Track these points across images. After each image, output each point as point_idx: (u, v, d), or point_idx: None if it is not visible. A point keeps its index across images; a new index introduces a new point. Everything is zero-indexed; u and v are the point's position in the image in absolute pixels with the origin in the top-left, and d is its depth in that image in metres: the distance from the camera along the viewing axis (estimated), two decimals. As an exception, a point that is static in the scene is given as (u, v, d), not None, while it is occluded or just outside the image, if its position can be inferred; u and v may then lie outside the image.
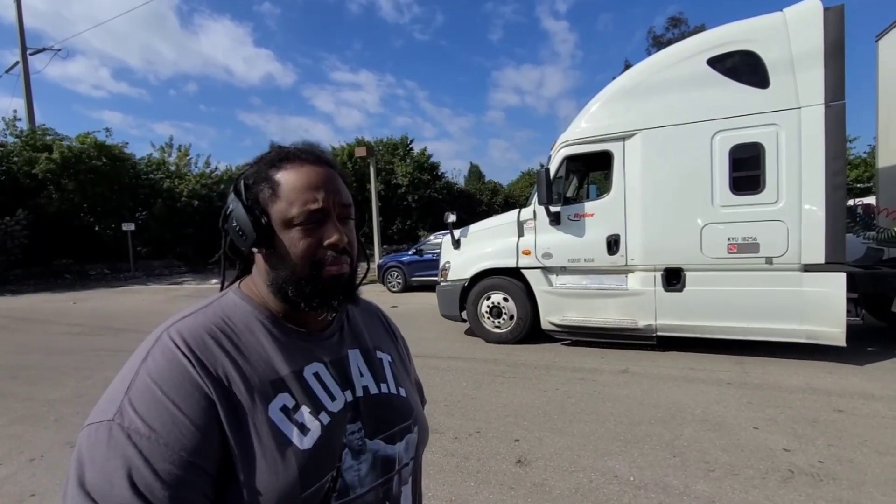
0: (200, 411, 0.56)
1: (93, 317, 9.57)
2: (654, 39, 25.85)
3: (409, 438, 0.73)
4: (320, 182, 0.66)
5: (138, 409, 0.54)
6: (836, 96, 4.16)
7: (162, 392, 0.55)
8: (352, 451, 0.64)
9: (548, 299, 5.49)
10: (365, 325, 0.82)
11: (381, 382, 0.74)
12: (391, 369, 0.79)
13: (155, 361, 0.58)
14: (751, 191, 4.51)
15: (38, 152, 18.07)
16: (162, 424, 0.54)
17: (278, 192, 0.65)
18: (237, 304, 0.68)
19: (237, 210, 0.66)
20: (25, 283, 16.96)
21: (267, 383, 0.61)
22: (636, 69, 5.21)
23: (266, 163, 0.68)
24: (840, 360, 4.50)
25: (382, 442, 0.69)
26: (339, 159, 21.60)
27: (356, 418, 0.67)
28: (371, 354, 0.77)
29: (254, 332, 0.65)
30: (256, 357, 0.63)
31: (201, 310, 0.66)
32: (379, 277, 12.66)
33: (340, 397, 0.67)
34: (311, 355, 0.68)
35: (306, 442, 0.60)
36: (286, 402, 0.61)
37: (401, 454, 0.71)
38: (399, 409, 0.74)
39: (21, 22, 22.43)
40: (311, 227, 0.65)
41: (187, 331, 0.61)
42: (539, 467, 2.77)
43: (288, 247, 0.65)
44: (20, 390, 4.63)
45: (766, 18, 4.51)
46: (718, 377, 4.24)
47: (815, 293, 4.30)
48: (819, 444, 2.93)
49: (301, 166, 0.66)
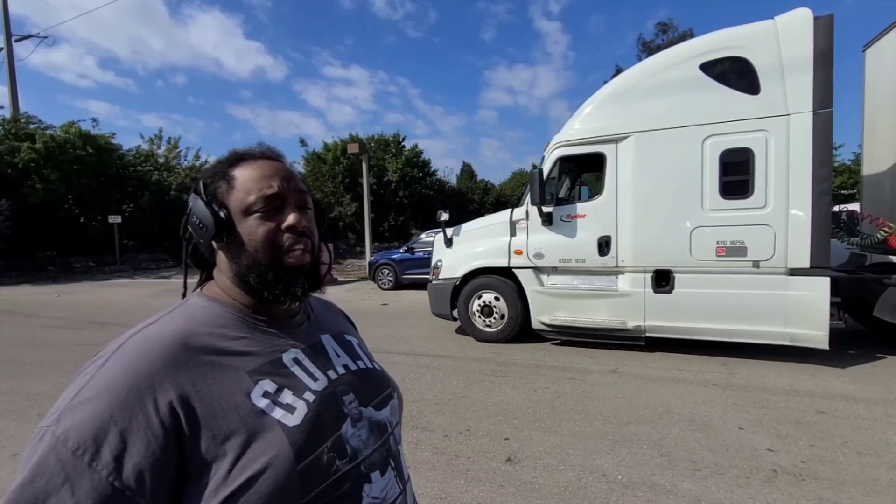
0: (143, 432, 0.53)
1: (77, 310, 9.40)
2: (644, 45, 26.07)
3: (392, 404, 0.79)
4: (274, 171, 0.70)
5: (77, 418, 0.52)
6: (824, 104, 4.24)
7: (106, 405, 0.53)
8: (351, 420, 0.68)
9: (539, 299, 5.52)
10: (327, 315, 0.88)
11: (357, 360, 0.80)
12: (360, 349, 0.85)
13: (111, 370, 0.56)
14: (740, 195, 4.57)
15: (21, 141, 17.68)
16: (94, 440, 0.51)
17: (234, 184, 0.68)
18: (203, 305, 0.69)
19: (196, 206, 0.69)
20: (7, 276, 16.58)
21: (244, 374, 0.62)
22: (630, 72, 5.26)
23: (223, 163, 0.72)
24: (823, 362, 4.59)
25: (373, 409, 0.73)
26: (331, 155, 21.43)
27: (349, 390, 0.71)
28: (341, 337, 0.83)
29: (224, 328, 0.66)
30: (229, 352, 0.64)
31: (167, 315, 0.66)
32: (370, 274, 12.61)
33: (322, 377, 0.69)
34: (286, 343, 0.70)
35: (293, 420, 0.61)
36: (267, 388, 0.63)
37: (389, 418, 0.76)
38: (378, 379, 0.80)
39: (6, 8, 21.91)
40: (268, 212, 0.67)
41: (155, 340, 0.60)
42: (528, 465, 2.79)
43: (247, 235, 0.67)
44: (2, 384, 4.53)
45: (758, 26, 4.58)
46: (705, 378, 4.30)
47: (800, 297, 4.38)
48: (802, 445, 3.00)
49: (255, 161, 0.71)
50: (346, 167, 24.06)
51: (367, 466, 0.67)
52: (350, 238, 24.63)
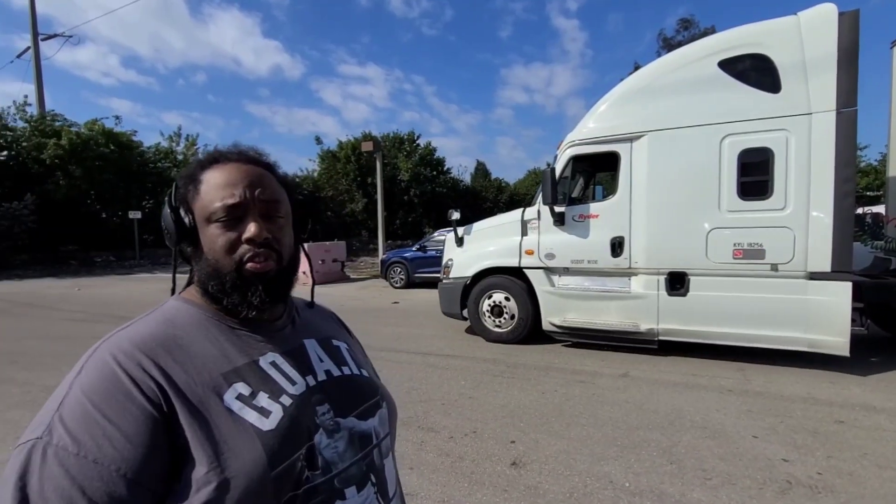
0: (134, 421, 0.53)
1: (95, 304, 9.63)
2: (665, 42, 25.58)
3: (380, 413, 0.75)
4: (240, 178, 0.67)
5: (68, 425, 0.52)
6: (849, 103, 4.09)
7: (93, 405, 0.53)
8: (326, 431, 0.65)
9: (549, 300, 5.46)
10: (318, 320, 0.85)
11: (342, 366, 0.76)
12: (349, 354, 0.81)
13: (88, 375, 0.57)
14: (758, 196, 4.45)
15: (47, 138, 18.16)
16: (92, 439, 0.52)
17: (200, 189, 0.67)
18: (180, 308, 0.69)
19: (164, 210, 0.68)
20: (30, 269, 17.08)
21: (218, 376, 0.61)
22: (646, 70, 5.15)
23: (198, 164, 0.70)
24: (843, 370, 4.44)
25: (356, 419, 0.70)
26: (344, 153, 21.55)
27: (323, 400, 0.67)
28: (328, 342, 0.79)
29: (201, 330, 0.66)
30: (205, 353, 0.63)
31: (142, 319, 0.66)
32: (382, 273, 12.66)
33: (301, 381, 0.67)
34: (264, 347, 0.68)
35: (268, 423, 0.60)
36: (241, 391, 0.61)
37: (376, 428, 0.73)
38: (364, 387, 0.76)
39: (33, 7, 22.52)
40: (229, 222, 0.65)
41: (127, 340, 0.60)
42: (534, 470, 2.75)
43: (208, 243, 0.66)
44: (19, 376, 4.66)
45: (780, 22, 4.44)
46: (720, 384, 4.20)
47: (821, 301, 4.24)
48: (818, 456, 2.89)
49: (226, 164, 0.68)
50: (359, 165, 24.21)
51: (341, 481, 0.64)
52: (363, 235, 24.80)
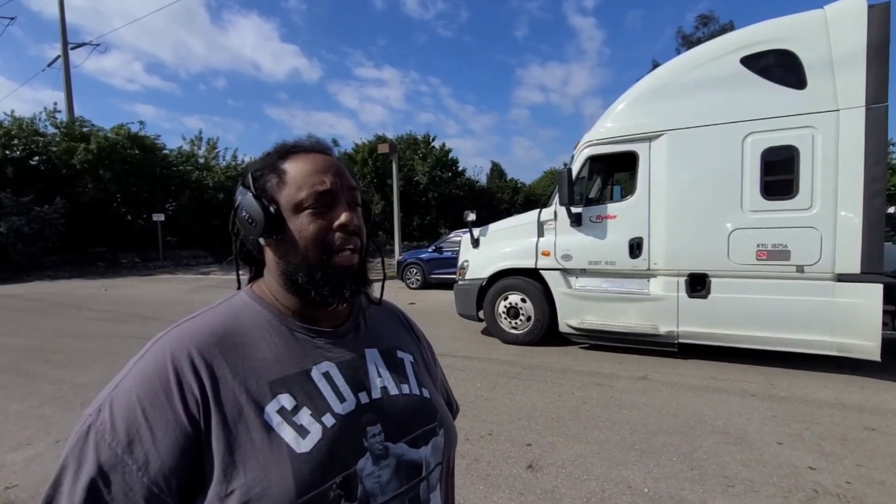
0: (166, 427, 0.54)
1: (122, 304, 9.92)
2: (684, 39, 25.13)
3: (434, 441, 0.69)
4: (327, 166, 0.67)
5: (114, 410, 0.55)
6: (879, 98, 3.95)
7: (137, 398, 0.55)
8: (373, 456, 0.60)
9: (566, 301, 5.40)
10: (384, 324, 0.80)
11: (402, 383, 0.71)
12: (413, 369, 0.75)
13: (145, 362, 0.58)
14: (783, 196, 4.32)
15: (77, 142, 18.79)
16: (126, 433, 0.53)
17: (286, 178, 0.65)
18: (247, 303, 0.67)
19: (245, 200, 0.65)
20: (61, 270, 17.72)
21: (265, 384, 0.59)
22: (665, 68, 5.06)
23: (273, 155, 0.69)
24: (873, 375, 4.29)
25: (406, 445, 0.64)
26: (360, 156, 21.84)
27: (375, 420, 0.63)
28: (391, 354, 0.74)
29: (261, 331, 0.64)
30: (260, 357, 0.61)
31: (210, 310, 0.66)
32: (398, 273, 12.71)
33: (351, 399, 0.63)
34: (322, 355, 0.65)
35: (304, 445, 0.56)
36: (285, 404, 0.58)
37: (427, 458, 0.67)
38: (422, 410, 0.70)
39: (63, 17, 23.32)
40: (320, 209, 0.64)
41: (188, 335, 0.60)
42: (550, 474, 2.72)
43: (298, 231, 0.64)
44: (51, 373, 4.82)
45: (806, 16, 4.31)
46: (742, 388, 4.10)
47: (849, 304, 4.10)
48: (847, 464, 2.80)
49: (307, 154, 0.68)
50: (376, 167, 24.37)
51: None
52: (380, 236, 24.96)
